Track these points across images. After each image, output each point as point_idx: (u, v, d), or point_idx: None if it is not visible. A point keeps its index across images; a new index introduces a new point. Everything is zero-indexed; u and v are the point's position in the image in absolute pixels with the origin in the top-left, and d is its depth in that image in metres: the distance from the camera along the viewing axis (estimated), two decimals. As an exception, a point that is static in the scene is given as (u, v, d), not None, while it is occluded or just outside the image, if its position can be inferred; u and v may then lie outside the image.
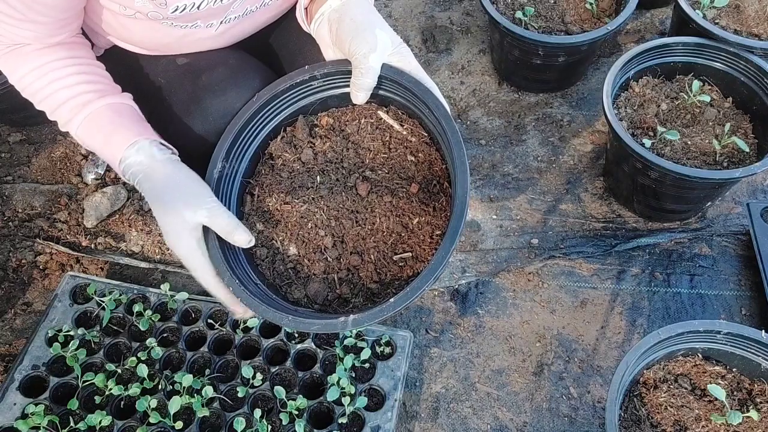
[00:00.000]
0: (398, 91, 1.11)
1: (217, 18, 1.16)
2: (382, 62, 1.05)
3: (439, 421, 1.50)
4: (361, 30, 1.03)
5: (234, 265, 1.05)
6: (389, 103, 1.16)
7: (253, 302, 0.99)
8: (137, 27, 1.13)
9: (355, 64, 1.05)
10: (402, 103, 1.14)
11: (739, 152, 1.66)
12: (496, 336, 1.64)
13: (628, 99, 1.78)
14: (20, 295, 1.73)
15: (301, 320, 0.98)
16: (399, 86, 1.08)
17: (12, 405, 1.41)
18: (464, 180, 0.97)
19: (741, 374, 1.29)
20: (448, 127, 1.01)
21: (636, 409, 1.24)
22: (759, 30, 1.83)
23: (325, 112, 1.20)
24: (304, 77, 1.13)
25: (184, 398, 1.37)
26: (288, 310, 1.01)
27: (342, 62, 1.11)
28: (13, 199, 1.90)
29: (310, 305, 1.07)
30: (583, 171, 1.95)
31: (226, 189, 1.12)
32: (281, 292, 1.09)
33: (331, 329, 0.97)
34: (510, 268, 1.75)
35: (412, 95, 1.08)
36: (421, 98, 1.05)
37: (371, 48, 1.03)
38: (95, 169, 1.94)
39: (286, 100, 1.17)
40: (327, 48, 1.13)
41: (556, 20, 1.99)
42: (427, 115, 1.09)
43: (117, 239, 1.82)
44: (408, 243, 1.08)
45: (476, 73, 2.22)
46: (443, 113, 1.02)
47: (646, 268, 1.74)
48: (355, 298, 1.07)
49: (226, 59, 1.24)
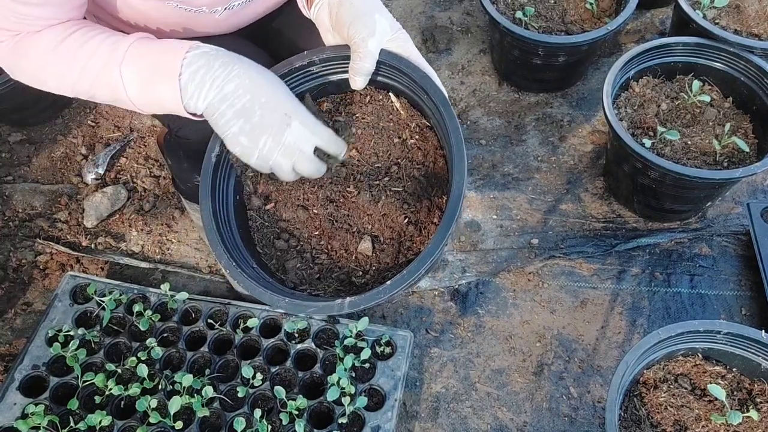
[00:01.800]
0: (397, 76, 1.10)
1: (221, 5, 1.16)
2: (381, 48, 1.05)
3: (439, 421, 1.50)
4: (361, 15, 1.03)
5: (231, 247, 1.05)
6: (389, 89, 1.16)
7: (250, 284, 0.99)
8: (142, 6, 1.13)
9: (353, 49, 1.05)
10: (400, 89, 1.14)
11: (739, 152, 1.66)
12: (496, 336, 1.64)
13: (628, 99, 1.78)
14: (20, 295, 1.73)
15: (298, 303, 0.98)
16: (397, 72, 1.08)
17: (12, 405, 1.41)
18: (461, 165, 0.97)
19: (741, 374, 1.29)
20: (446, 112, 1.01)
21: (636, 409, 1.24)
22: (759, 30, 1.83)
23: (324, 98, 1.20)
24: (303, 62, 1.13)
25: (184, 398, 1.37)
26: (285, 293, 1.01)
27: (341, 47, 1.10)
28: (13, 199, 1.90)
29: (306, 288, 1.08)
30: (583, 171, 1.95)
31: (223, 173, 1.11)
32: (277, 276, 1.09)
33: (328, 311, 0.97)
34: (510, 268, 1.75)
35: (410, 81, 1.07)
36: (419, 84, 1.05)
37: (370, 32, 1.03)
38: (95, 169, 1.94)
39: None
40: (326, 33, 1.12)
41: (556, 20, 1.99)
42: (425, 101, 1.09)
43: (117, 239, 1.83)
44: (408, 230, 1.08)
45: (476, 73, 2.22)
46: (441, 99, 1.03)
47: (646, 268, 1.74)
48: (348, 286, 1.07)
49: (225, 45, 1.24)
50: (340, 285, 1.07)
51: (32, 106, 2.01)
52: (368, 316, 1.52)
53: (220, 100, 0.99)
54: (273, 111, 1.00)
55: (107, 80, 1.01)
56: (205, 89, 0.98)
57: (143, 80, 1.00)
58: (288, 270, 1.09)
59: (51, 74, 1.04)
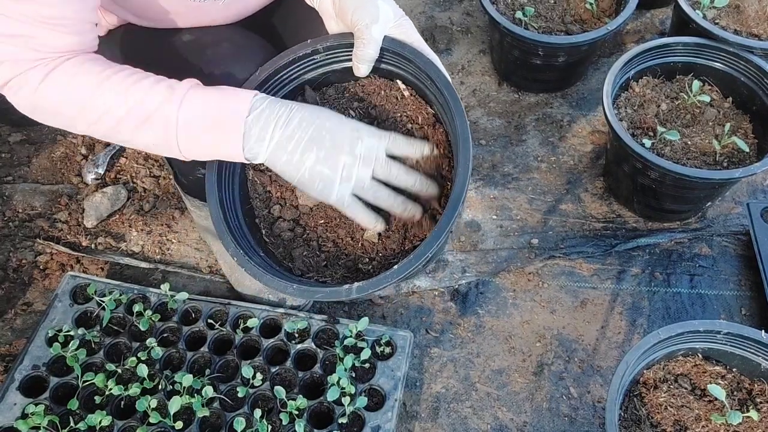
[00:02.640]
0: (400, 63, 1.11)
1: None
2: (384, 34, 1.06)
3: (439, 421, 1.50)
4: (364, 1, 1.04)
5: (237, 235, 1.05)
6: (394, 77, 1.16)
7: (258, 271, 1.00)
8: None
9: (357, 35, 1.05)
10: (405, 77, 1.14)
11: (739, 152, 1.66)
12: (496, 336, 1.64)
13: (628, 99, 1.78)
14: (20, 295, 1.73)
15: (306, 288, 0.99)
16: (401, 58, 1.08)
17: (12, 405, 1.41)
18: (467, 148, 0.98)
19: (741, 374, 1.29)
20: (450, 96, 1.02)
21: (636, 409, 1.24)
22: (759, 30, 1.84)
23: (329, 86, 1.20)
24: (307, 51, 1.13)
25: (184, 398, 1.37)
26: (292, 280, 1.01)
27: (344, 35, 1.10)
28: (13, 199, 1.90)
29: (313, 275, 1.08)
30: (583, 171, 1.95)
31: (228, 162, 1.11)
32: (284, 264, 1.10)
33: (335, 297, 0.98)
34: (510, 268, 1.75)
35: (414, 67, 1.08)
36: (423, 69, 1.05)
37: (373, 19, 1.03)
38: (95, 169, 1.94)
39: (288, 74, 1.16)
40: (330, 20, 1.13)
41: (556, 20, 1.99)
42: (429, 86, 1.10)
43: (117, 239, 1.83)
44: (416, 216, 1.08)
45: (476, 73, 2.22)
46: (445, 83, 1.03)
47: (646, 268, 1.74)
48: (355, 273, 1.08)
49: (230, 36, 1.25)
50: (347, 272, 1.08)
51: (32, 106, 2.01)
52: (368, 316, 1.52)
53: (287, 138, 0.98)
54: (340, 131, 1.00)
55: (161, 121, 0.97)
56: (270, 129, 0.98)
57: (201, 127, 0.98)
58: (295, 258, 1.09)
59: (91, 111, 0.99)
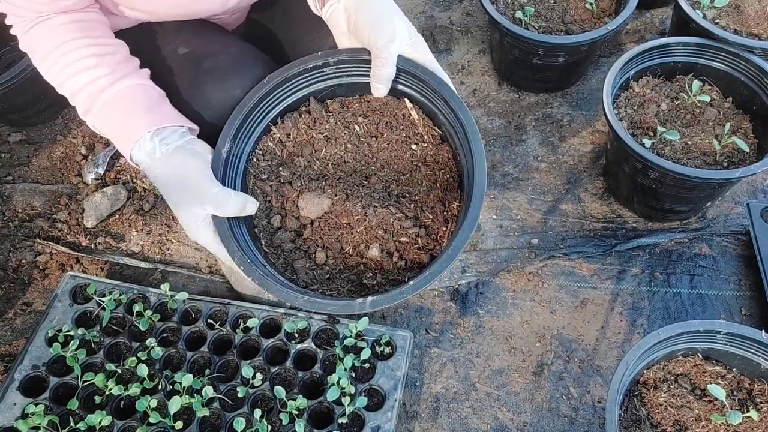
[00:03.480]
0: (411, 82, 1.11)
1: None
2: (399, 53, 1.06)
3: (439, 421, 1.50)
4: (381, 20, 1.04)
5: (243, 246, 1.06)
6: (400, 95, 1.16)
7: (268, 283, 1.00)
8: None
9: (375, 54, 1.05)
10: (416, 97, 1.14)
11: (739, 152, 1.66)
12: (496, 336, 1.64)
13: (628, 99, 1.78)
14: (20, 295, 1.73)
15: (318, 300, 0.98)
16: (414, 78, 1.09)
17: (12, 405, 1.41)
18: (482, 168, 1.00)
19: (741, 374, 1.29)
20: (465, 118, 1.03)
21: (636, 409, 1.24)
22: (759, 30, 1.83)
23: (333, 100, 1.20)
24: (317, 63, 1.13)
25: (184, 398, 1.37)
26: (301, 292, 1.01)
27: (358, 51, 1.10)
28: (13, 199, 1.90)
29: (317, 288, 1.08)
30: (583, 171, 1.95)
31: (233, 167, 1.12)
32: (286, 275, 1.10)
33: (349, 310, 0.97)
34: (510, 268, 1.75)
35: (426, 87, 1.08)
36: (437, 90, 1.06)
37: (390, 38, 1.03)
38: (95, 169, 1.94)
39: (295, 84, 1.16)
40: (341, 35, 1.12)
41: (556, 20, 1.99)
42: (441, 107, 1.10)
43: (117, 239, 1.82)
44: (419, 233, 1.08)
45: (476, 73, 2.22)
46: (459, 104, 1.04)
47: (646, 268, 1.74)
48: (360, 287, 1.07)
49: (227, 47, 1.25)
50: (351, 286, 1.07)
51: (32, 106, 2.01)
52: (368, 316, 1.52)
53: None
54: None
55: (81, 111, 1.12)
56: None
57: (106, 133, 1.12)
58: (298, 270, 1.09)
59: (50, 80, 1.13)
